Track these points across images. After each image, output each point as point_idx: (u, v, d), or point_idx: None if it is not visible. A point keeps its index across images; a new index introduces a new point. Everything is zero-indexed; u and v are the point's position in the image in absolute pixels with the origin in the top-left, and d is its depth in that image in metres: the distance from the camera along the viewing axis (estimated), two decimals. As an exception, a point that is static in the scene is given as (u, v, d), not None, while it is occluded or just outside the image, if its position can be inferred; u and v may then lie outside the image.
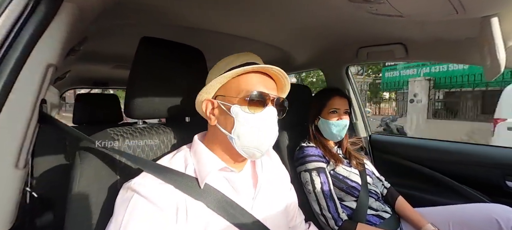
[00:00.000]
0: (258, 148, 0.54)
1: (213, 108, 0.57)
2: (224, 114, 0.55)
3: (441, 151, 1.26)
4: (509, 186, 1.03)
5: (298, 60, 1.46)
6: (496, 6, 0.60)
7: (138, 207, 0.46)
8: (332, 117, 1.04)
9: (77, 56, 1.27)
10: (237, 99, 0.54)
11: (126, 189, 0.49)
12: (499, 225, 0.81)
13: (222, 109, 0.55)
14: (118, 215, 0.46)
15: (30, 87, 0.40)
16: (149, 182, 0.49)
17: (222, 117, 0.56)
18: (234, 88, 0.55)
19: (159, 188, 0.49)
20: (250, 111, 0.53)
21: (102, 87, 2.35)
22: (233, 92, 0.55)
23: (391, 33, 1.02)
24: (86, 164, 0.53)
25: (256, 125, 0.53)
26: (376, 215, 0.96)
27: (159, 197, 0.48)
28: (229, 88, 0.56)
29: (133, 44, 0.66)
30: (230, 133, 0.54)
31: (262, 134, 0.54)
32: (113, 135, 0.59)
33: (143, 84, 0.64)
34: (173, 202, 0.49)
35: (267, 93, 0.55)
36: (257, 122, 0.53)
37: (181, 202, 0.49)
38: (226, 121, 0.55)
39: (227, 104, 0.54)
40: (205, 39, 1.10)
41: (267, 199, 0.60)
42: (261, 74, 0.56)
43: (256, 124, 0.53)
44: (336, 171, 0.99)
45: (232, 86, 0.55)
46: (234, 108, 0.53)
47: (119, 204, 0.48)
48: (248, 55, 0.60)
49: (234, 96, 0.54)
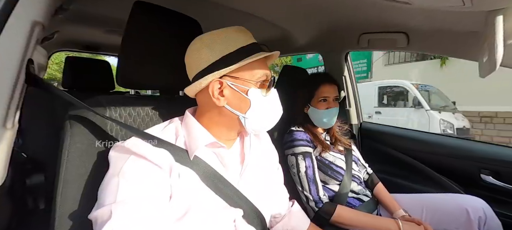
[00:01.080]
0: (265, 126, 0.60)
1: (222, 89, 0.55)
2: (238, 96, 0.55)
3: (424, 142, 1.31)
4: (483, 179, 1.09)
5: (298, 41, 1.43)
6: (503, 1, 0.59)
7: (135, 164, 0.47)
8: (322, 106, 1.03)
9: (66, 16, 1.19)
10: (254, 83, 0.56)
11: (119, 148, 0.50)
12: (468, 214, 0.88)
13: (235, 91, 0.55)
14: (115, 166, 0.47)
15: (15, 45, 0.38)
16: (143, 143, 0.50)
17: (234, 98, 0.55)
18: (247, 71, 0.56)
19: (153, 149, 0.50)
20: (264, 93, 0.57)
21: (93, 52, 2.26)
22: (247, 75, 0.55)
23: (394, 21, 0.99)
24: (76, 130, 0.52)
25: (270, 106, 0.59)
26: (356, 198, 1.02)
27: (155, 156, 0.49)
28: (242, 70, 0.55)
29: (127, 8, 0.62)
30: (243, 114, 0.56)
31: (274, 113, 0.61)
32: (104, 103, 0.57)
33: (136, 52, 0.62)
34: (167, 162, 0.50)
35: (270, 76, 0.59)
36: (271, 102, 0.59)
37: (174, 165, 0.51)
38: (241, 102, 0.56)
39: (243, 87, 0.55)
40: (203, 10, 1.05)
41: (253, 177, 0.62)
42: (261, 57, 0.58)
43: (270, 104, 0.59)
44: (323, 155, 1.01)
45: (245, 69, 0.55)
46: (252, 91, 0.55)
47: (115, 158, 0.49)
48: (244, 32, 0.59)
49: (249, 79, 0.56)
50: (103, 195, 0.45)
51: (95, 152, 0.54)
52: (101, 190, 0.47)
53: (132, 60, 0.62)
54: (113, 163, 0.49)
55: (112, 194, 0.44)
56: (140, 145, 0.49)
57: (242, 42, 0.56)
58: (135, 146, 0.49)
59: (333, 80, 1.08)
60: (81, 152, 0.52)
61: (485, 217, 0.87)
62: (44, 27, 0.43)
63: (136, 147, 0.49)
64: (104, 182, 0.47)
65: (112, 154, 0.50)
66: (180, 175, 0.51)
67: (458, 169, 1.17)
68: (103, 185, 0.47)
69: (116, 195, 0.44)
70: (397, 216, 0.96)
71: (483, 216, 0.87)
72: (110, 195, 0.44)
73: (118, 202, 0.43)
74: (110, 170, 0.48)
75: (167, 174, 0.50)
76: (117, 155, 0.49)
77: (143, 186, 0.46)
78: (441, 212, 0.94)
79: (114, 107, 0.58)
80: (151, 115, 0.64)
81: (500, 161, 1.06)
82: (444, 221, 0.93)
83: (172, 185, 0.49)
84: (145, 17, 0.62)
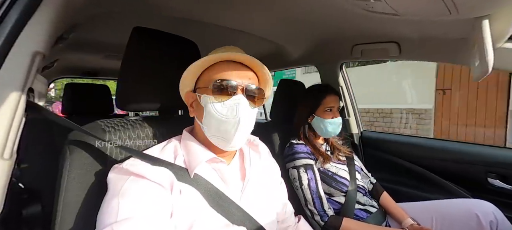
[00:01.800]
0: (224, 136, 0.54)
1: (193, 100, 0.60)
2: (198, 105, 0.57)
3: (428, 148, 1.30)
4: (491, 183, 1.07)
5: (292, 55, 1.46)
6: (487, 8, 0.61)
7: (135, 184, 0.46)
8: (328, 115, 1.04)
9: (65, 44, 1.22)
10: (206, 89, 0.56)
11: (118, 170, 0.49)
12: (479, 219, 0.85)
13: (197, 100, 0.58)
14: (115, 188, 0.46)
15: (16, 75, 0.39)
16: (142, 163, 0.50)
17: (197, 108, 0.58)
18: (206, 79, 0.57)
19: (153, 168, 0.50)
20: (217, 100, 0.54)
21: (92, 77, 2.29)
22: (204, 83, 0.57)
23: (385, 32, 1.02)
24: (76, 156, 0.51)
25: (221, 113, 0.53)
26: (363, 209, 0.99)
27: (155, 174, 0.48)
28: (203, 79, 0.58)
29: (124, 34, 0.64)
30: (201, 123, 0.56)
31: (226, 121, 0.53)
32: (104, 127, 0.57)
33: (135, 75, 0.63)
34: (168, 180, 0.50)
35: (236, 82, 0.54)
36: (223, 110, 0.53)
37: (175, 182, 0.50)
38: (199, 111, 0.57)
39: (199, 95, 0.57)
40: (199, 31, 1.08)
41: (255, 193, 0.61)
42: (235, 64, 0.57)
43: (222, 112, 0.53)
44: (325, 167, 1.00)
45: (205, 77, 0.57)
46: (203, 98, 0.55)
47: (114, 180, 0.48)
48: (230, 48, 0.60)
49: (205, 87, 0.56)
50: (103, 218, 0.44)
51: (95, 177, 0.53)
52: (100, 213, 0.46)
53: (131, 83, 0.63)
54: (112, 184, 0.48)
55: (112, 215, 0.43)
56: (139, 165, 0.49)
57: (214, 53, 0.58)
58: (134, 166, 0.48)
59: (336, 92, 1.11)
60: (81, 178, 0.51)
61: (496, 221, 0.85)
62: (45, 56, 0.44)
63: (135, 167, 0.48)
64: (103, 205, 0.46)
65: (111, 176, 0.49)
66: (181, 192, 0.50)
67: (465, 174, 1.15)
68: (103, 208, 0.46)
69: (117, 215, 0.42)
70: (405, 225, 0.93)
71: (495, 220, 0.85)
72: (110, 216, 0.43)
73: (119, 221, 0.42)
74: (109, 192, 0.47)
75: (169, 191, 0.49)
76: (116, 176, 0.48)
77: (144, 204, 0.45)
78: (451, 219, 0.92)
79: (113, 130, 0.58)
80: (151, 135, 0.64)
81: (508, 164, 1.05)
82: (454, 227, 0.90)
83: (173, 203, 0.48)
84: (143, 41, 0.64)
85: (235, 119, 0.53)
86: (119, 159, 0.57)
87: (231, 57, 0.56)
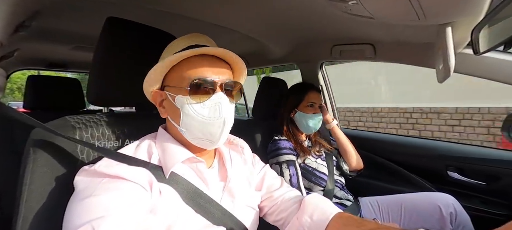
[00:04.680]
0: (209, 138, 0.51)
1: (163, 100, 0.54)
2: (172, 106, 0.52)
3: (397, 144, 1.40)
4: (450, 175, 1.19)
5: (274, 53, 1.48)
6: (451, 16, 0.67)
7: (111, 185, 0.42)
8: (310, 111, 1.10)
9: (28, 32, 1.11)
10: (181, 89, 0.50)
11: (90, 172, 0.44)
12: (441, 211, 0.94)
13: (169, 100, 0.52)
14: (85, 191, 0.41)
15: None
16: (117, 163, 0.46)
17: (171, 109, 0.53)
18: (177, 76, 0.51)
19: (130, 168, 0.46)
20: (195, 101, 0.49)
21: (59, 70, 2.11)
22: (176, 81, 0.51)
23: (362, 34, 1.08)
24: (39, 156, 0.47)
25: (202, 114, 0.49)
26: (340, 203, 1.04)
27: (132, 174, 0.45)
28: (173, 77, 0.51)
29: (97, 24, 0.60)
30: (179, 126, 0.51)
31: (210, 123, 0.50)
32: (74, 123, 0.53)
33: (108, 69, 0.59)
34: (146, 179, 0.46)
35: (212, 79, 0.50)
36: (204, 111, 0.49)
37: (154, 182, 0.47)
38: (174, 112, 0.52)
39: (173, 95, 0.51)
40: (179, 25, 1.04)
41: (238, 191, 0.59)
42: (208, 58, 0.51)
43: (203, 113, 0.49)
44: (306, 163, 1.04)
45: (175, 74, 0.51)
46: (179, 99, 0.50)
47: (84, 183, 0.43)
48: (196, 37, 0.55)
49: (178, 86, 0.50)
50: (73, 219, 0.39)
51: (62, 179, 0.49)
52: (69, 215, 0.41)
53: (105, 77, 0.59)
54: (82, 187, 0.43)
55: (87, 213, 0.39)
56: (115, 166, 0.45)
57: (183, 45, 0.53)
58: (108, 168, 0.45)
59: (318, 90, 1.17)
60: (46, 180, 0.47)
61: (455, 212, 0.94)
62: (2, 45, 0.39)
63: (110, 168, 0.44)
64: (72, 206, 0.41)
65: (79, 178, 0.44)
66: (161, 192, 0.48)
67: (429, 168, 1.26)
68: (72, 209, 0.41)
69: (94, 213, 0.38)
70: None
71: (454, 211, 0.94)
72: (84, 216, 0.39)
73: (99, 218, 0.38)
74: (79, 194, 0.42)
75: (148, 190, 0.46)
76: (87, 179, 0.44)
77: (123, 201, 0.41)
78: (418, 211, 1.00)
79: (85, 126, 0.54)
80: (128, 133, 0.60)
81: (462, 158, 1.17)
82: (420, 219, 0.98)
83: (154, 203, 0.46)
84: (118, 32, 0.61)
85: (220, 119, 0.50)
86: (91, 158, 0.53)
87: (206, 51, 0.50)
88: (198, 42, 0.54)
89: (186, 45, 0.53)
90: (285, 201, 0.65)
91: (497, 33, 0.59)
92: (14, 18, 0.40)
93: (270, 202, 0.66)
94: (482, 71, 0.89)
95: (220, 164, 0.61)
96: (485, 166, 1.10)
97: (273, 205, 0.66)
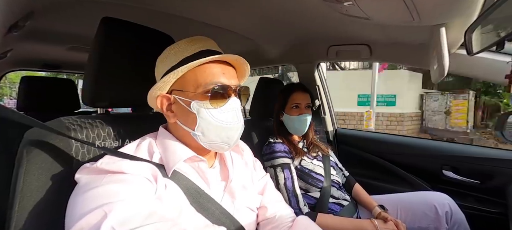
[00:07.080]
0: (227, 142, 0.53)
1: (170, 104, 0.53)
2: (184, 111, 0.51)
3: (393, 144, 1.41)
4: (445, 174, 1.20)
5: (271, 54, 1.48)
6: (445, 17, 0.68)
7: (114, 178, 0.42)
8: (294, 112, 1.08)
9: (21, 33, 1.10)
10: (196, 94, 0.50)
11: (91, 169, 0.44)
12: (436, 210, 0.95)
13: (181, 105, 0.51)
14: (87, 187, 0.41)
15: None
16: (120, 159, 0.45)
17: (182, 114, 0.52)
18: (191, 81, 0.51)
19: (132, 163, 0.46)
20: (213, 106, 0.50)
21: (53, 70, 2.08)
22: (190, 87, 0.51)
23: (358, 34, 1.08)
24: (33, 156, 0.46)
25: (220, 119, 0.50)
26: (337, 203, 1.04)
27: (137, 169, 0.45)
28: (186, 81, 0.51)
29: (92, 24, 0.59)
30: (193, 130, 0.51)
31: (229, 127, 0.52)
32: (68, 125, 0.52)
33: (104, 69, 0.58)
34: (150, 172, 0.46)
35: (228, 84, 0.51)
36: (222, 116, 0.51)
37: (159, 176, 0.47)
38: (188, 117, 0.51)
39: (186, 100, 0.50)
40: (176, 26, 1.04)
41: (238, 191, 0.60)
42: (219, 63, 0.52)
43: (221, 118, 0.50)
44: (302, 165, 1.04)
45: (189, 79, 0.51)
46: (194, 105, 0.50)
47: (85, 180, 0.43)
48: (202, 41, 0.55)
49: (192, 91, 0.50)
50: (78, 210, 0.39)
51: (58, 181, 0.48)
52: (74, 209, 0.40)
53: (101, 78, 0.58)
54: (85, 182, 0.43)
55: (95, 201, 0.39)
56: (117, 162, 0.45)
57: (190, 52, 0.52)
58: (110, 164, 0.44)
59: (305, 89, 1.14)
60: (40, 181, 0.46)
61: (451, 211, 0.95)
62: (-5, 45, 0.39)
63: (113, 165, 0.44)
64: (75, 201, 0.41)
65: (81, 175, 0.44)
66: (167, 186, 0.48)
67: (424, 167, 1.28)
68: (76, 203, 0.41)
69: (103, 199, 0.39)
70: (375, 213, 1.00)
71: (449, 210, 0.95)
72: (92, 203, 0.39)
73: (110, 203, 0.38)
74: (83, 188, 0.42)
75: (153, 182, 0.46)
76: (89, 177, 0.44)
77: (130, 188, 0.42)
78: (414, 211, 1.01)
79: (80, 128, 0.53)
80: (124, 134, 0.59)
81: (457, 157, 1.18)
82: (416, 218, 0.99)
83: (160, 193, 0.46)
84: (113, 32, 0.60)
85: (238, 123, 0.53)
86: (87, 159, 0.53)
87: (225, 58, 0.52)
88: (208, 46, 0.55)
89: (198, 49, 0.53)
90: (279, 218, 0.67)
91: (489, 34, 0.60)
92: (7, 18, 0.39)
93: (265, 214, 0.68)
94: (475, 71, 0.90)
95: (222, 165, 0.61)
96: (479, 164, 1.12)
97: (267, 219, 0.67)
